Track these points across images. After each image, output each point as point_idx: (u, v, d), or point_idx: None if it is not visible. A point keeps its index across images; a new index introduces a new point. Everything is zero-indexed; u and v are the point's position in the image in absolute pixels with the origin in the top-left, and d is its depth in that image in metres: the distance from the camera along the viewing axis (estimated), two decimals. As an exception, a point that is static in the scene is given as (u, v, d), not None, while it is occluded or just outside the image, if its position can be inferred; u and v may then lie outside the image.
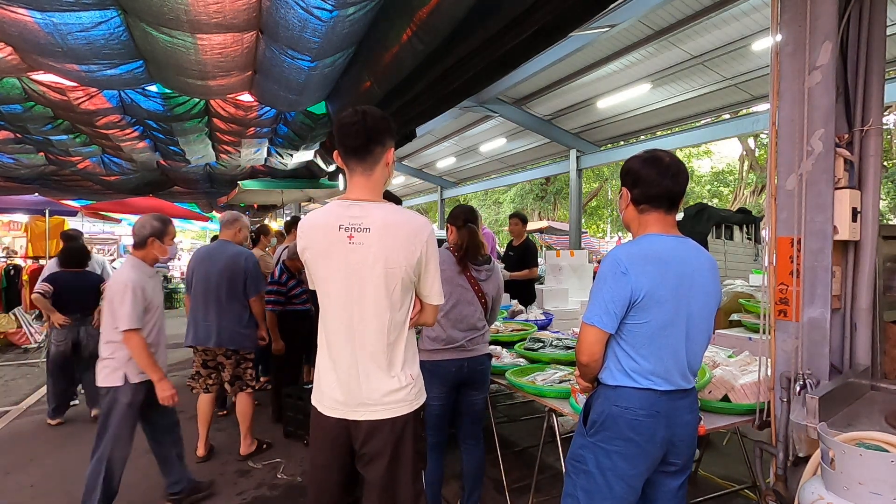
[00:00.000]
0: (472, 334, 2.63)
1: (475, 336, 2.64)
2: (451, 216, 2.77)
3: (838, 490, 1.39)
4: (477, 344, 2.66)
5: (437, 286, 1.72)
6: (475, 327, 2.64)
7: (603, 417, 1.66)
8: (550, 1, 2.51)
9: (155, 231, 2.77)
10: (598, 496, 1.67)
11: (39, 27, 2.96)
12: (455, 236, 2.71)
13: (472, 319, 2.63)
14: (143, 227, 2.77)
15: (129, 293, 2.60)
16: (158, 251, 2.81)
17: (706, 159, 24.36)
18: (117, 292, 2.60)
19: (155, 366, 2.69)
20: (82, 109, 4.83)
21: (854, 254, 1.97)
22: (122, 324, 2.57)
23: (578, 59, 8.28)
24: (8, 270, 7.76)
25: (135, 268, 2.73)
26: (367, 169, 1.64)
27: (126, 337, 2.59)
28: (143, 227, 2.77)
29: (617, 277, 1.60)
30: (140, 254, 2.78)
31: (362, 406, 1.63)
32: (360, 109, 1.62)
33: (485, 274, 2.70)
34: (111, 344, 2.66)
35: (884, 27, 1.96)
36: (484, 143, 13.50)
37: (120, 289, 2.60)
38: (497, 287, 2.78)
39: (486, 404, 2.83)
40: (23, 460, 3.66)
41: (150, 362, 2.67)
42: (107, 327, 2.66)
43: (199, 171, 8.39)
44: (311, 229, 1.65)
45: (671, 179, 1.66)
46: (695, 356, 1.69)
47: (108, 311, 2.64)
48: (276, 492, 3.21)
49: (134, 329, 2.59)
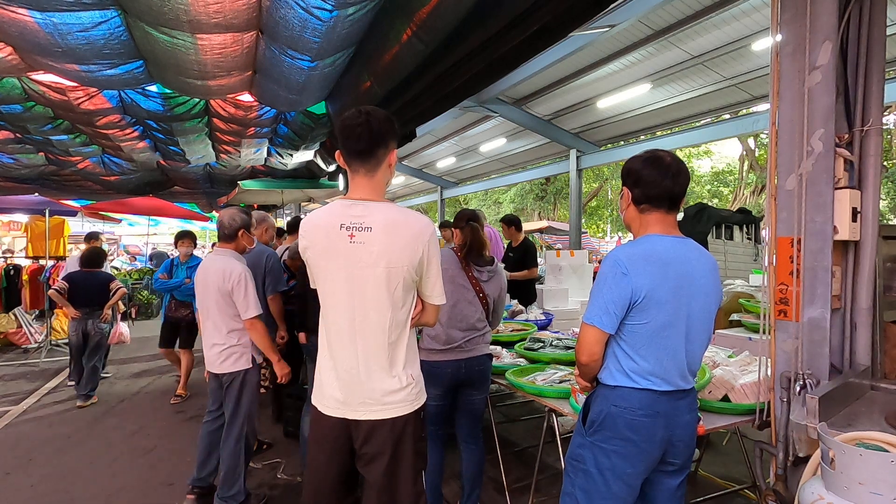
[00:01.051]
0: (472, 334, 2.63)
1: (475, 336, 2.64)
2: (454, 220, 2.82)
3: (838, 490, 1.39)
4: (476, 344, 2.65)
5: (438, 286, 1.72)
6: (475, 327, 2.64)
7: (602, 417, 1.66)
8: (550, 1, 2.51)
9: (244, 223, 2.95)
10: (596, 495, 1.67)
11: (39, 27, 2.96)
12: (458, 236, 2.73)
13: (472, 319, 2.63)
14: (234, 219, 2.92)
15: (250, 283, 2.81)
16: (247, 241, 3.00)
17: (706, 159, 24.36)
18: (237, 284, 2.77)
19: (273, 347, 2.97)
20: (82, 109, 4.83)
21: (854, 254, 1.97)
22: (252, 311, 2.79)
23: (578, 59, 8.28)
24: (8, 270, 7.75)
25: (238, 259, 2.89)
26: (370, 170, 1.64)
27: (251, 323, 2.81)
28: (233, 219, 2.92)
29: (617, 278, 1.60)
30: (231, 245, 2.93)
31: (363, 406, 1.63)
32: (364, 110, 1.61)
33: (486, 275, 2.70)
34: (235, 332, 2.85)
35: (884, 27, 1.96)
36: (484, 143, 13.49)
37: (239, 280, 2.77)
38: (499, 288, 2.77)
39: (485, 404, 2.82)
40: (23, 460, 3.66)
41: (271, 345, 2.94)
42: (225, 317, 2.82)
43: (199, 171, 8.40)
44: (313, 229, 1.65)
45: (672, 179, 1.66)
46: (694, 356, 1.69)
47: (227, 303, 2.79)
48: (276, 492, 3.21)
49: (258, 315, 2.82)
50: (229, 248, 2.93)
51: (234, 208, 3.01)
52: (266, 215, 4.09)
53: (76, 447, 3.88)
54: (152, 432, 4.20)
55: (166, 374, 6.01)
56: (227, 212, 2.96)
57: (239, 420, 2.88)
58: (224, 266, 2.80)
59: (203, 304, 2.88)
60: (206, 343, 2.89)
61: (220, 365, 2.85)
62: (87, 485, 3.28)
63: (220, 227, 2.94)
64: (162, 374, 6.06)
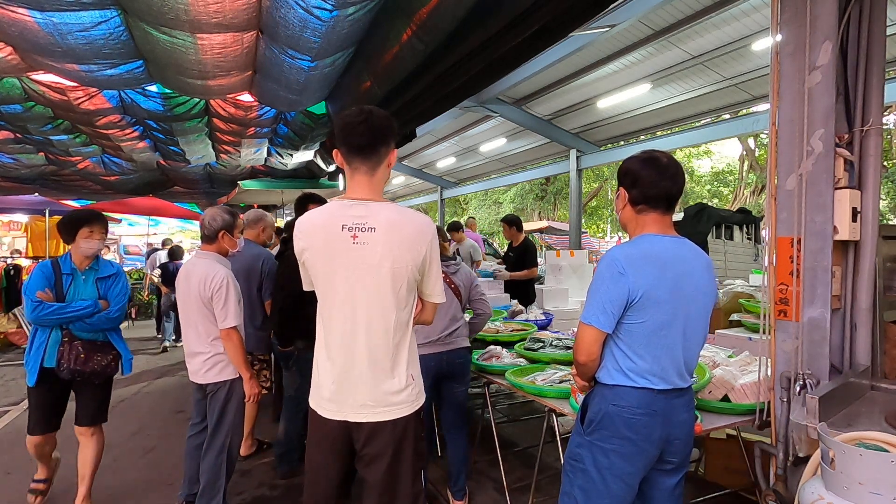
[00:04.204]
0: (453, 325, 2.85)
1: (456, 328, 2.87)
2: None
3: (838, 490, 1.39)
4: (456, 337, 2.87)
5: (439, 285, 1.72)
6: (455, 317, 2.88)
7: (600, 416, 1.67)
8: (550, 1, 2.51)
9: (226, 224, 2.72)
10: (594, 494, 1.68)
11: (39, 27, 2.96)
12: None
13: (452, 310, 2.86)
14: (215, 219, 2.70)
15: (232, 290, 2.59)
16: (228, 244, 2.75)
17: (706, 159, 24.36)
18: (218, 290, 2.56)
19: (248, 364, 2.71)
20: (82, 109, 4.83)
21: (854, 254, 1.97)
22: (230, 321, 2.56)
23: (578, 59, 8.28)
24: (8, 270, 7.75)
25: (221, 262, 2.69)
26: (370, 168, 1.63)
27: (227, 333, 2.58)
28: (213, 219, 2.70)
29: (614, 278, 1.61)
30: (213, 247, 2.72)
31: (364, 408, 1.61)
32: (366, 109, 1.61)
33: (453, 267, 3.02)
34: (219, 340, 2.63)
35: (884, 27, 1.96)
36: (484, 143, 13.49)
37: (220, 286, 2.56)
38: (467, 277, 3.07)
39: (467, 396, 3.04)
40: (23, 460, 3.65)
41: (245, 360, 2.68)
42: (208, 325, 2.61)
43: (199, 171, 8.39)
44: (312, 229, 1.64)
45: (670, 180, 1.67)
46: (692, 355, 1.71)
47: (208, 309, 2.59)
48: (276, 492, 3.21)
49: (235, 326, 2.59)
50: (211, 250, 2.73)
51: (218, 207, 2.81)
52: (263, 214, 3.90)
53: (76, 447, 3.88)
54: (152, 432, 4.20)
55: (167, 375, 6.01)
56: (210, 211, 2.77)
57: (222, 433, 2.68)
58: (206, 271, 2.61)
59: (185, 311, 2.68)
60: (189, 352, 2.71)
61: (203, 375, 2.67)
62: (87, 485, 3.27)
63: (201, 226, 2.75)
64: (162, 375, 6.05)
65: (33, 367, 2.77)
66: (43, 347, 2.75)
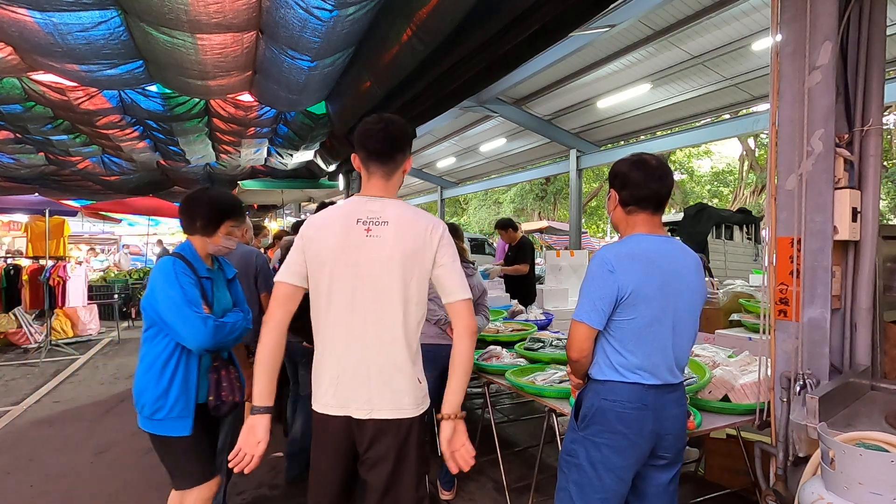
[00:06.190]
0: None
1: None
2: None
3: (838, 490, 1.39)
4: None
5: (460, 280, 1.65)
6: None
7: (592, 411, 1.70)
8: (550, 1, 2.51)
9: None
10: (588, 489, 1.71)
11: (39, 27, 2.96)
12: None
13: None
14: None
15: None
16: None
17: (706, 159, 24.36)
18: None
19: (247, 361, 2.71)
20: (82, 109, 4.84)
21: (854, 254, 1.97)
22: None
23: (578, 59, 8.28)
24: (8, 270, 7.75)
25: None
26: (387, 173, 1.68)
27: None
28: None
29: (604, 275, 1.65)
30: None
31: (368, 404, 1.60)
32: (385, 117, 1.68)
33: (469, 270, 3.04)
34: None
35: (884, 27, 1.96)
36: (484, 143, 13.50)
37: None
38: (478, 285, 3.14)
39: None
40: (23, 460, 3.66)
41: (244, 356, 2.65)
42: None
43: (199, 171, 8.39)
44: (325, 222, 1.64)
45: (658, 182, 1.71)
46: (682, 351, 1.74)
47: None
48: (276, 492, 3.21)
49: None
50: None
51: None
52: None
53: (76, 447, 3.88)
54: (152, 432, 4.19)
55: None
56: None
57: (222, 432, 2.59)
58: None
59: None
60: None
61: None
62: (86, 485, 3.27)
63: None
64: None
65: (186, 408, 2.03)
66: (195, 379, 2.05)
